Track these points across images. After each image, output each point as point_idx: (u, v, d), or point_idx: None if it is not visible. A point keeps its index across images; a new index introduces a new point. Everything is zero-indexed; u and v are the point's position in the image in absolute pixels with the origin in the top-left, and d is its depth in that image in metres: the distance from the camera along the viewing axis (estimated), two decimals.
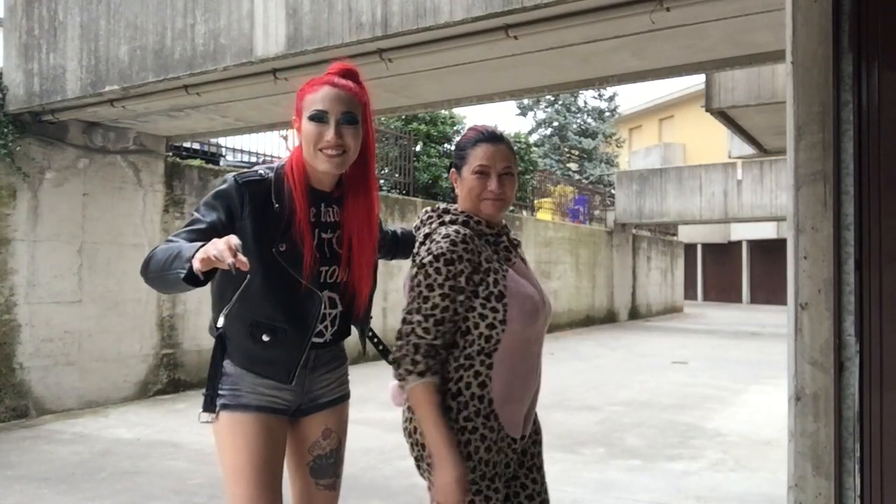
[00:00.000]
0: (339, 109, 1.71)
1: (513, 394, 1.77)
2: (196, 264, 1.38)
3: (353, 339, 1.98)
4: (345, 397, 1.94)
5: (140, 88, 5.11)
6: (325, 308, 1.79)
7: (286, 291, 1.73)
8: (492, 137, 1.84)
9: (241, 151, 9.58)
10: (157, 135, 7.02)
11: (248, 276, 1.65)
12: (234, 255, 1.34)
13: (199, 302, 7.30)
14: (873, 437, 2.07)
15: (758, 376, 8.76)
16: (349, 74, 1.79)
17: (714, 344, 12.84)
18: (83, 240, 6.38)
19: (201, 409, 1.80)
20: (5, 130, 5.71)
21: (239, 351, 1.78)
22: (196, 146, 8.68)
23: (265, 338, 1.74)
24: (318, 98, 1.71)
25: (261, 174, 1.75)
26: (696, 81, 20.24)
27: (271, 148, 9.73)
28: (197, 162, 8.01)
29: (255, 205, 1.70)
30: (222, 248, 1.35)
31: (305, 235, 1.73)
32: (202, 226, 1.65)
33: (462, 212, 1.83)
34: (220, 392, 1.77)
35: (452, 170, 1.88)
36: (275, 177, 1.75)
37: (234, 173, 1.76)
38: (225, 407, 1.76)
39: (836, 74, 2.14)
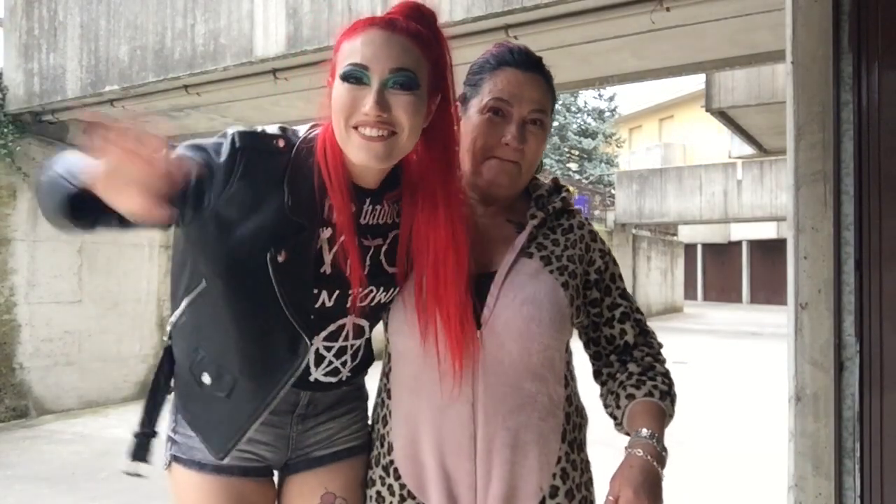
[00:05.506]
0: (388, 65, 1.04)
1: (417, 446, 1.18)
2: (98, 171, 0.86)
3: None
4: (356, 450, 1.30)
5: (140, 88, 5.12)
6: (347, 339, 1.22)
7: (258, 321, 1.13)
8: (524, 61, 1.19)
9: None
10: (157, 135, 7.02)
11: (204, 280, 1.15)
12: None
13: None
14: (873, 437, 2.07)
15: (757, 376, 8.76)
16: (416, 14, 1.10)
17: (714, 344, 12.83)
18: (83, 240, 6.38)
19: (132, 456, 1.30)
20: (5, 130, 5.72)
21: (178, 380, 1.26)
22: None
23: (206, 379, 1.19)
24: (358, 46, 1.05)
25: (276, 145, 1.10)
26: (696, 81, 20.20)
27: None
28: None
29: (251, 182, 1.07)
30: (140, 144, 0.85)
31: (350, 247, 1.13)
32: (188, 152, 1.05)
33: None
34: (172, 437, 1.27)
35: (457, 104, 1.20)
36: (295, 155, 1.11)
37: (237, 129, 1.10)
38: (177, 459, 1.26)
39: (836, 74, 2.14)
